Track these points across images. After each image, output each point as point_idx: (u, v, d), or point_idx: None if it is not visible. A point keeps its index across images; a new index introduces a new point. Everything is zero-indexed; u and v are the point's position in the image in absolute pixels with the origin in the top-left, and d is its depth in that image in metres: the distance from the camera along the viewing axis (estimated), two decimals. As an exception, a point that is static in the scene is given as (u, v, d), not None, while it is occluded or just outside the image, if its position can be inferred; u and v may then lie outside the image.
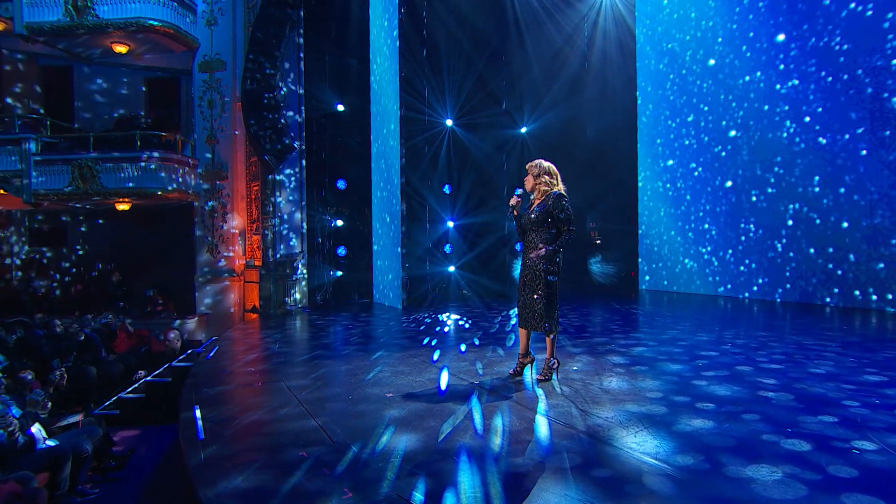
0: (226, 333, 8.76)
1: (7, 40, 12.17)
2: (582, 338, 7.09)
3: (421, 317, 9.46)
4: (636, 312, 9.80)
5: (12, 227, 13.48)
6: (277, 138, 10.52)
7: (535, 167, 4.74)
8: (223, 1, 11.57)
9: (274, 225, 11.28)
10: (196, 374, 5.54)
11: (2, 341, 8.90)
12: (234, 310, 11.88)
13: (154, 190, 10.69)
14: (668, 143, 12.39)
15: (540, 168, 4.73)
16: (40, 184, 10.74)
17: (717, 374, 4.94)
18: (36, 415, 5.20)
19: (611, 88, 13.37)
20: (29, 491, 4.36)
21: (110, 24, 10.51)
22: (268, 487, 2.78)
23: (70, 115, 13.00)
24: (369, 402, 4.28)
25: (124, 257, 14.06)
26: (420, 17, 11.86)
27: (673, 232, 12.41)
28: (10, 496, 4.18)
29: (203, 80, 11.67)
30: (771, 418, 3.69)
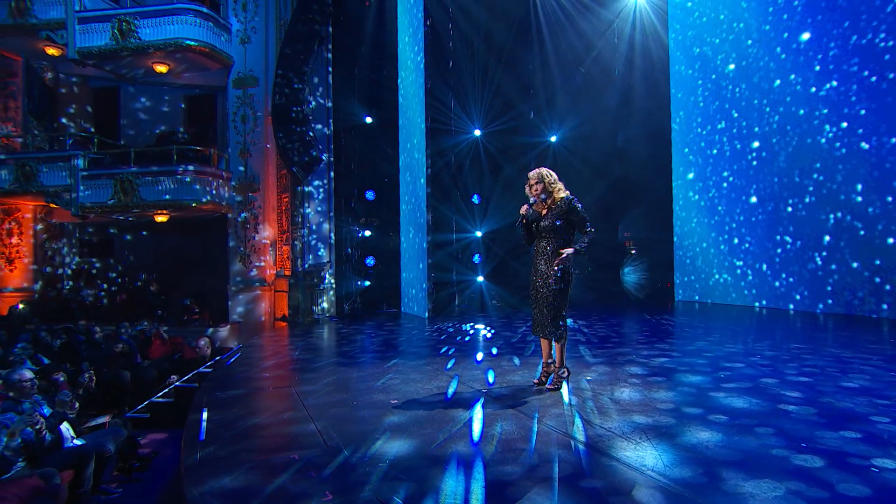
0: (251, 341, 8.96)
1: (63, 65, 12.99)
2: (604, 348, 6.90)
3: (445, 326, 9.43)
4: (667, 323, 9.48)
5: (64, 238, 14.24)
6: (305, 150, 10.78)
7: (547, 176, 4.68)
8: (256, 19, 12.00)
9: (303, 235, 11.52)
10: (213, 378, 5.67)
11: (47, 345, 9.37)
12: (264, 318, 12.16)
13: (189, 202, 11.11)
14: (699, 150, 12.03)
15: (552, 177, 4.67)
16: (86, 197, 11.34)
17: (737, 387, 4.71)
18: (64, 414, 5.42)
19: (641, 95, 13.12)
20: (51, 487, 4.53)
21: (151, 45, 11.06)
22: (253, 488, 2.81)
23: (116, 133, 13.70)
24: (372, 409, 4.28)
25: (164, 268, 14.63)
26: (445, 29, 11.99)
27: (705, 244, 12.00)
28: (33, 491, 4.35)
29: (237, 96, 12.11)
30: (786, 432, 3.48)
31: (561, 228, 4.54)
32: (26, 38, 11.97)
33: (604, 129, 13.62)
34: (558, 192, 4.57)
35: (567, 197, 4.55)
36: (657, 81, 12.84)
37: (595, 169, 13.74)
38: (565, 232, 4.56)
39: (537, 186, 4.63)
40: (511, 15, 12.41)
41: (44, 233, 13.64)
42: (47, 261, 13.72)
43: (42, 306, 12.91)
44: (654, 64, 12.75)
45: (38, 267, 13.57)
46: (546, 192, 4.60)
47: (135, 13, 11.13)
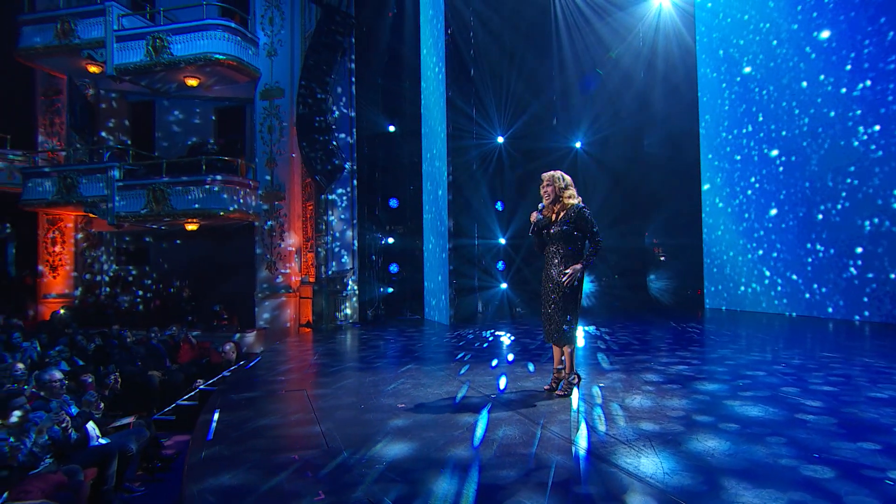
0: (273, 346, 9.12)
1: (103, 81, 13.60)
2: (623, 355, 6.77)
3: (465, 333, 9.41)
4: (692, 331, 9.23)
5: (102, 247, 14.82)
6: (328, 159, 10.97)
7: (559, 180, 4.64)
8: (282, 33, 12.33)
9: (326, 242, 11.70)
10: (230, 381, 5.80)
11: (83, 348, 9.75)
12: (289, 324, 12.37)
13: (217, 210, 11.44)
14: (726, 155, 11.74)
15: (564, 181, 4.63)
16: (121, 207, 11.80)
17: (755, 395, 4.56)
18: (90, 414, 5.63)
19: (665, 99, 12.91)
20: (73, 483, 4.71)
21: (182, 60, 11.47)
22: (250, 486, 2.86)
23: (151, 145, 14.23)
24: (379, 412, 4.30)
25: (196, 275, 15.05)
26: (466, 38, 12.05)
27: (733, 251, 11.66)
28: (56, 486, 4.53)
29: (264, 108, 12.44)
30: (799, 442, 3.35)
31: (571, 235, 4.49)
32: (70, 58, 12.58)
33: (628, 135, 13.44)
34: (568, 199, 4.52)
35: (577, 205, 4.50)
36: (682, 85, 12.61)
37: (620, 174, 13.57)
38: (575, 239, 4.51)
39: (548, 189, 4.60)
40: (532, 22, 12.40)
41: (84, 241, 14.23)
42: (87, 268, 14.30)
43: (81, 311, 13.44)
44: (679, 67, 12.53)
45: (78, 274, 14.15)
46: (556, 196, 4.56)
47: (167, 30, 11.58)
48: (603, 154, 13.25)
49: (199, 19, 11.51)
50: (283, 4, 12.34)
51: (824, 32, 9.73)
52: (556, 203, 4.55)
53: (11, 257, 16.00)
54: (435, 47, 11.22)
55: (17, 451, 4.49)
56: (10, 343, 9.68)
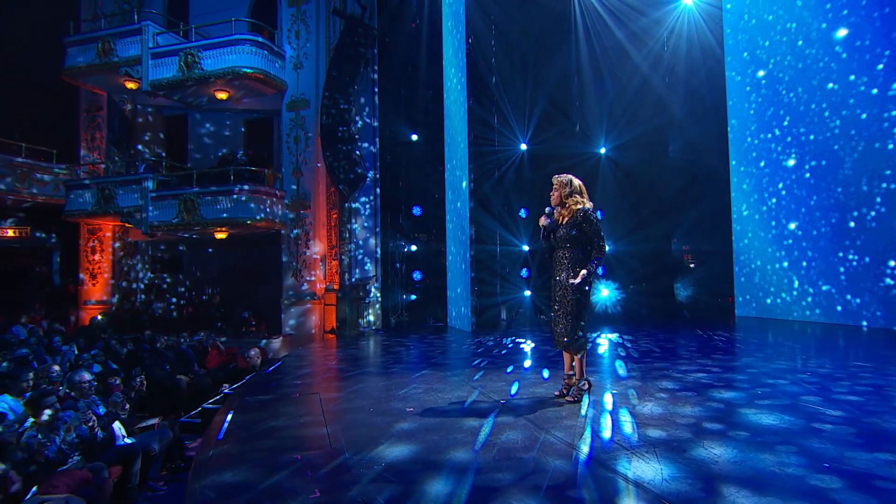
0: (295, 351, 9.29)
1: (139, 97, 14.18)
2: (642, 363, 6.66)
3: (486, 340, 9.40)
4: (718, 339, 8.99)
5: (138, 255, 15.39)
6: (350, 168, 11.17)
7: (567, 186, 4.61)
8: (308, 45, 12.65)
9: (350, 250, 11.88)
10: (248, 384, 5.95)
11: (116, 353, 10.12)
12: (314, 331, 12.56)
13: (244, 219, 11.76)
14: (753, 160, 11.43)
15: (571, 187, 4.60)
16: (154, 217, 12.25)
17: (773, 404, 4.43)
18: (116, 414, 5.84)
19: (692, 104, 12.68)
20: (98, 480, 4.89)
21: (212, 74, 11.89)
22: (249, 483, 2.94)
23: (184, 156, 14.74)
24: (387, 416, 4.34)
25: (227, 282, 15.46)
26: (488, 46, 12.12)
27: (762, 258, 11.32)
28: (81, 482, 4.71)
29: (290, 119, 12.75)
30: (811, 451, 3.24)
31: (577, 239, 4.46)
32: (109, 75, 13.18)
33: (653, 140, 13.23)
34: (575, 204, 4.49)
35: (584, 208, 4.46)
36: (707, 89, 12.39)
37: (645, 180, 13.37)
38: (582, 243, 4.47)
39: (555, 193, 4.60)
40: (552, 29, 12.38)
41: (121, 250, 14.81)
42: (123, 276, 14.85)
43: (118, 318, 13.95)
44: (703, 71, 12.31)
45: (115, 282, 14.71)
46: (562, 201, 4.55)
47: (198, 46, 12.02)
48: (627, 160, 13.08)
49: (229, 35, 11.92)
50: (308, 18, 12.67)
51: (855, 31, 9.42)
52: (562, 206, 4.53)
53: (56, 266, 16.77)
54: (455, 57, 11.33)
55: (45, 448, 4.69)
56: (50, 346, 10.14)
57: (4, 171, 14.07)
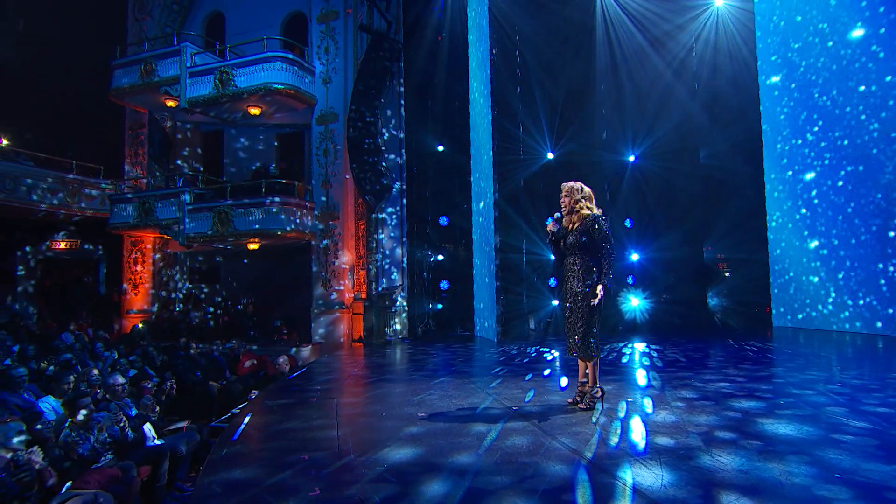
0: (320, 359, 9.47)
1: (178, 114, 14.85)
2: (665, 372, 6.54)
3: (510, 349, 9.37)
4: (749, 349, 8.71)
5: (177, 266, 16.00)
6: (376, 179, 11.38)
7: (577, 192, 4.65)
8: (336, 60, 13.01)
9: (377, 260, 12.06)
10: (270, 389, 6.12)
11: (153, 359, 10.54)
12: (343, 339, 12.77)
13: (275, 230, 12.11)
14: (785, 166, 11.08)
15: (582, 193, 4.64)
16: (191, 228, 12.74)
17: (793, 413, 4.29)
18: (146, 416, 6.10)
19: (722, 109, 12.41)
20: (127, 478, 5.11)
21: (245, 90, 12.36)
22: (255, 480, 3.05)
23: (220, 170, 15.30)
24: (398, 420, 4.41)
25: (261, 292, 15.89)
26: (513, 56, 12.20)
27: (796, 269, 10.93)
28: (111, 479, 4.94)
29: (319, 132, 13.11)
30: (824, 462, 3.14)
31: (587, 246, 4.46)
32: (151, 94, 13.87)
33: (684, 146, 12.99)
34: (583, 210, 4.51)
35: (594, 215, 4.47)
36: (738, 93, 12.09)
37: (676, 188, 13.12)
38: (591, 250, 4.46)
39: (565, 199, 4.62)
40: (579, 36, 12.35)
41: (161, 261, 15.43)
42: (163, 286, 15.46)
43: (157, 326, 14.51)
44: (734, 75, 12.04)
45: (155, 291, 15.33)
46: (571, 207, 4.56)
47: (232, 64, 12.53)
48: (656, 167, 12.88)
49: (261, 52, 12.37)
50: (337, 34, 13.04)
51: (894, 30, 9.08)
52: (572, 213, 4.54)
53: (102, 276, 17.60)
54: (480, 67, 11.45)
55: (78, 445, 4.93)
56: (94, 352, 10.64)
57: (57, 187, 14.92)
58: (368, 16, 12.36)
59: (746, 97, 12.09)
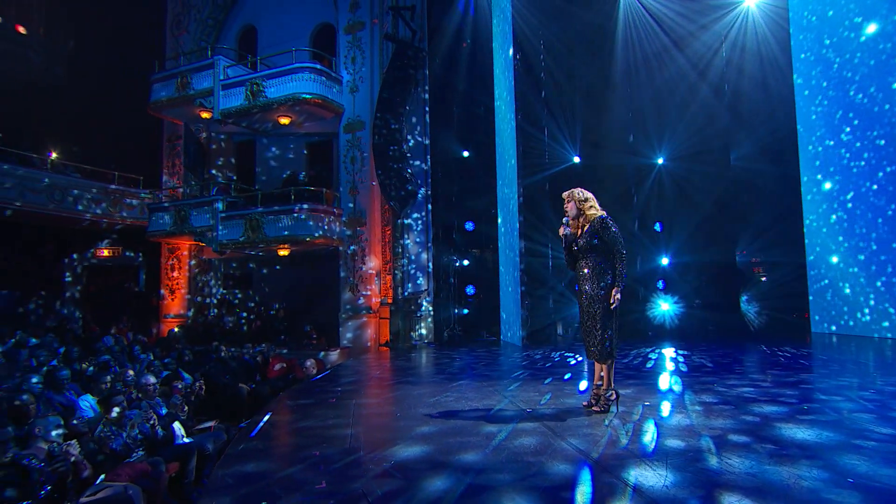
0: (346, 362, 9.63)
1: (213, 125, 15.38)
2: (689, 377, 6.42)
3: (534, 354, 9.34)
4: (782, 355, 8.44)
5: (211, 272, 16.52)
6: (401, 186, 11.54)
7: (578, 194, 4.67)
8: (363, 70, 13.27)
9: (403, 265, 12.21)
10: (293, 390, 6.28)
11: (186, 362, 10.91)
12: (370, 343, 12.94)
13: (304, 236, 12.41)
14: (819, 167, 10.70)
15: (583, 195, 4.66)
16: (223, 235, 13.16)
17: (816, 419, 4.17)
18: (176, 415, 6.34)
19: (754, 111, 12.12)
20: (155, 472, 5.32)
21: (275, 101, 12.74)
22: (267, 473, 3.16)
23: (253, 179, 15.77)
24: (411, 420, 4.48)
25: (292, 297, 16.24)
26: (537, 60, 12.21)
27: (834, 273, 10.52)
28: (140, 473, 5.17)
29: (347, 140, 13.38)
30: (839, 467, 3.06)
31: (597, 247, 4.46)
32: (186, 107, 14.43)
33: (714, 148, 12.73)
34: (590, 211, 4.52)
35: (601, 216, 4.48)
36: (771, 93, 11.78)
37: (707, 191, 12.86)
38: (601, 251, 4.46)
39: (569, 205, 4.64)
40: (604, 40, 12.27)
41: (196, 268, 15.96)
42: (198, 291, 15.98)
43: (192, 330, 15.00)
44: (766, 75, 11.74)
45: (191, 297, 15.86)
46: (578, 211, 4.57)
47: (263, 75, 12.94)
48: (687, 170, 12.66)
49: (290, 64, 12.74)
50: (363, 44, 13.31)
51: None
52: (579, 217, 4.56)
53: (142, 282, 18.31)
54: (504, 73, 11.50)
55: (110, 441, 5.17)
56: (132, 354, 11.09)
57: (100, 198, 15.64)
58: (394, 25, 12.59)
59: (777, 97, 11.77)
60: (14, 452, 4.40)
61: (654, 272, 13.10)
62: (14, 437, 4.83)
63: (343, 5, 13.69)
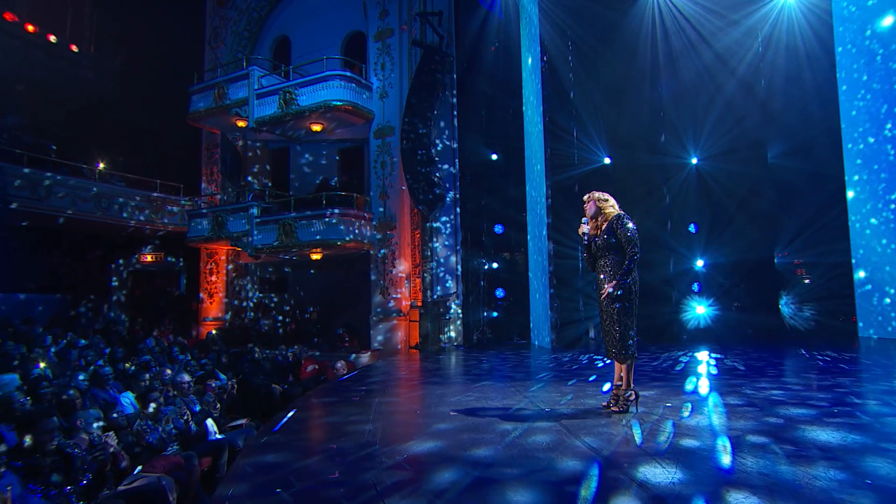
0: (374, 364, 9.78)
1: (248, 134, 15.89)
2: (718, 379, 6.31)
3: (563, 357, 9.29)
4: (821, 359, 8.13)
5: (248, 276, 17.02)
6: (429, 189, 11.66)
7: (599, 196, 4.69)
8: (392, 76, 13.49)
9: (431, 268, 12.32)
10: (319, 389, 6.44)
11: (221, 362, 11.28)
12: (400, 346, 13.08)
13: (335, 240, 12.67)
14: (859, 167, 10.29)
15: (603, 195, 4.68)
16: (258, 240, 13.56)
17: (844, 422, 4.04)
18: (209, 412, 6.59)
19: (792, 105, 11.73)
20: (188, 466, 5.55)
21: (307, 109, 13.08)
22: (284, 463, 3.29)
23: (287, 185, 16.19)
24: (430, 417, 4.55)
25: (325, 301, 16.57)
26: (565, 62, 12.18)
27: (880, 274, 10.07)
28: (174, 466, 5.41)
29: (377, 145, 13.61)
30: (858, 468, 2.97)
31: (615, 246, 4.45)
32: (223, 116, 14.95)
33: (750, 146, 12.38)
34: (609, 209, 4.53)
35: (618, 213, 4.48)
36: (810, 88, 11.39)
37: (743, 190, 12.54)
38: (620, 251, 4.44)
39: (589, 204, 4.67)
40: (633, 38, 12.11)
41: (233, 272, 16.48)
42: (235, 295, 16.49)
43: (229, 333, 15.47)
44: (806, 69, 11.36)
45: (228, 300, 16.37)
46: (597, 210, 4.58)
47: (295, 84, 13.31)
48: (722, 169, 12.36)
49: (322, 72, 13.08)
50: (392, 50, 13.54)
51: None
52: (598, 216, 4.57)
53: (183, 286, 19.01)
54: (532, 75, 11.50)
55: (145, 434, 5.44)
56: (171, 356, 11.54)
57: (144, 205, 16.35)
58: (421, 31, 12.76)
59: (815, 92, 11.38)
60: (59, 441, 4.69)
61: (688, 274, 12.82)
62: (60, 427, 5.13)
63: (373, 13, 13.97)
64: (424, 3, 12.89)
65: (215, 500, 2.83)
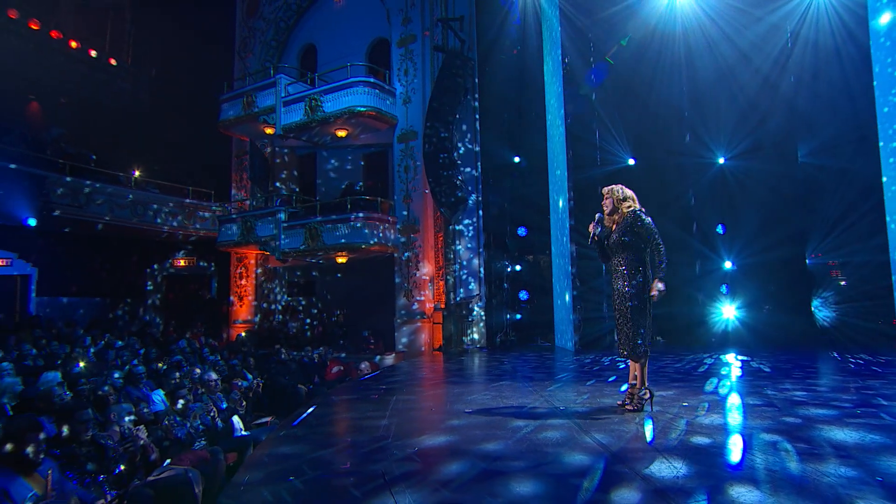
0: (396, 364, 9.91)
1: (276, 140, 16.29)
2: (741, 380, 6.22)
3: (585, 358, 9.24)
4: (853, 362, 7.89)
5: (276, 280, 17.40)
6: (451, 192, 11.77)
7: (617, 192, 4.69)
8: (415, 81, 13.68)
9: (454, 271, 12.41)
10: (340, 388, 6.58)
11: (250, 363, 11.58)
12: (424, 348, 13.19)
13: (360, 244, 12.88)
14: None
15: (622, 192, 4.67)
16: (286, 244, 13.89)
17: (865, 423, 3.96)
18: (235, 410, 6.82)
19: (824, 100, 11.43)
20: (214, 460, 5.77)
21: (332, 115, 13.36)
22: (299, 454, 3.42)
23: (314, 190, 16.53)
24: (445, 414, 4.64)
25: (352, 304, 16.83)
26: (587, 63, 12.14)
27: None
28: (201, 459, 5.62)
29: (401, 150, 13.80)
30: (872, 467, 2.93)
31: (630, 244, 4.45)
32: (252, 124, 15.37)
33: (778, 144, 12.11)
34: (626, 207, 4.52)
35: (634, 209, 4.47)
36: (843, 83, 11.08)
37: (773, 190, 12.23)
38: (634, 247, 4.45)
39: (607, 201, 4.67)
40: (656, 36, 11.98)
41: (262, 276, 16.88)
42: (264, 298, 16.88)
43: (258, 335, 15.85)
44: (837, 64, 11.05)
45: (258, 303, 16.77)
46: (614, 206, 4.59)
47: (320, 91, 13.61)
48: (751, 168, 12.10)
49: (346, 78, 13.35)
50: (415, 56, 13.73)
51: None
52: (614, 213, 4.57)
53: (214, 290, 19.55)
54: (553, 77, 11.51)
55: (173, 429, 5.66)
56: (201, 356, 11.91)
57: (177, 211, 16.91)
58: (443, 36, 12.91)
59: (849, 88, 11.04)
60: (94, 433, 4.95)
61: (716, 276, 12.58)
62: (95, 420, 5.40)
63: (396, 20, 14.20)
64: (446, 8, 13.05)
65: (232, 486, 2.96)
